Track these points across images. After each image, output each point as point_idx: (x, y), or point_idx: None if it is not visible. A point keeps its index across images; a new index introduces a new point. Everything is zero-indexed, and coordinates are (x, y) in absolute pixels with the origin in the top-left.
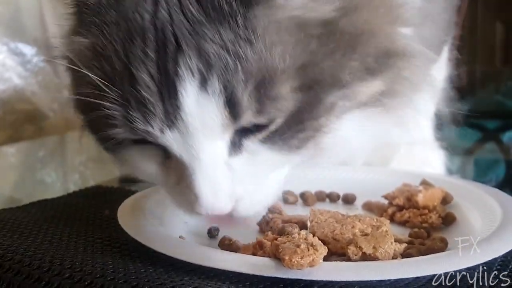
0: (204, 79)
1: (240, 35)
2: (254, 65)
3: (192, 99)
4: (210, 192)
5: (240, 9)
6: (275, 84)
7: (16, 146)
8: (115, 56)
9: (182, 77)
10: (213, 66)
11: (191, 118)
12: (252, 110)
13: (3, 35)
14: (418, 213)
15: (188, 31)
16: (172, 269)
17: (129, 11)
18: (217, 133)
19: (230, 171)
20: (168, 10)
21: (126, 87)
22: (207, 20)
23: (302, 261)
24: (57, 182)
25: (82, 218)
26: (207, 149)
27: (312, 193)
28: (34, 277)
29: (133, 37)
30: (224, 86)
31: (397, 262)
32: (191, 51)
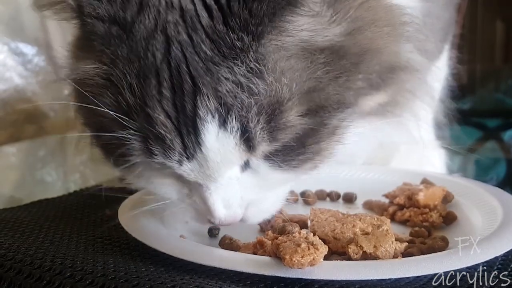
0: (223, 119)
1: (252, 68)
2: (266, 98)
3: (212, 137)
4: (222, 206)
5: (251, 42)
6: (283, 113)
7: (17, 145)
8: (129, 91)
9: (202, 117)
10: (230, 107)
11: (212, 153)
12: (265, 141)
13: (3, 34)
14: (419, 212)
15: (203, 71)
16: (173, 268)
17: (140, 48)
18: (234, 163)
19: (239, 184)
20: (181, 49)
21: (142, 122)
22: (220, 58)
23: (303, 260)
24: (57, 181)
25: (83, 218)
26: (224, 175)
27: (312, 192)
28: (35, 276)
29: (146, 76)
30: (240, 123)
31: (397, 261)
32: (208, 91)
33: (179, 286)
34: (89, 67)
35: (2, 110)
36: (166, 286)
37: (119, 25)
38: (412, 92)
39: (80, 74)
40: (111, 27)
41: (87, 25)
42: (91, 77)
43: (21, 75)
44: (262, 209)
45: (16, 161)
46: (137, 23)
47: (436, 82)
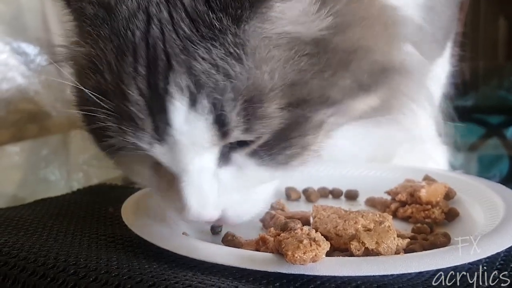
0: (193, 98)
1: (231, 52)
2: (243, 84)
3: (181, 117)
4: (197, 201)
5: (231, 25)
6: (263, 103)
7: (20, 145)
8: (108, 70)
9: (172, 95)
10: (203, 85)
11: (180, 135)
12: (239, 128)
13: (5, 34)
14: (421, 208)
15: (179, 49)
16: (176, 265)
17: (120, 27)
18: (205, 149)
19: (217, 182)
20: (160, 27)
21: (117, 101)
22: (198, 37)
23: (305, 257)
24: (60, 180)
25: (86, 216)
26: (195, 162)
27: (315, 190)
28: (39, 273)
29: (124, 53)
30: (213, 104)
31: (399, 257)
32: (181, 69)
33: (182, 283)
34: (77, 49)
35: (4, 110)
36: (169, 283)
37: (104, 7)
38: (408, 95)
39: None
40: (99, 9)
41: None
42: (78, 58)
43: (24, 74)
44: (242, 210)
45: (19, 160)
46: (120, 4)
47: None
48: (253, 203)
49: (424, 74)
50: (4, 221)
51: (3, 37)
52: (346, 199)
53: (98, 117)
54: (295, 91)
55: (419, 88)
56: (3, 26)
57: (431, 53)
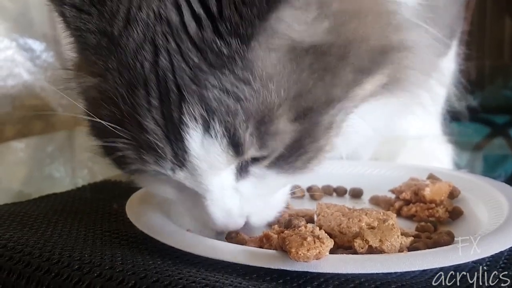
0: (207, 124)
1: (239, 77)
2: (253, 105)
3: (197, 143)
4: (221, 215)
5: (238, 47)
6: (273, 120)
7: (25, 141)
8: (122, 101)
9: (186, 123)
10: (214, 111)
11: (198, 160)
12: (254, 147)
13: (12, 31)
14: (425, 207)
15: (189, 78)
16: (180, 261)
17: (129, 59)
18: (222, 169)
19: (238, 194)
20: (169, 58)
21: (135, 131)
22: (207, 66)
23: (309, 254)
24: (65, 177)
25: (91, 212)
26: (215, 181)
27: (319, 188)
28: (44, 268)
29: (135, 86)
30: (226, 129)
31: (403, 255)
32: (192, 98)
33: (185, 279)
34: (85, 80)
35: (10, 106)
36: (173, 279)
37: (108, 38)
38: (412, 68)
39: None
40: (102, 38)
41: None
42: (87, 90)
43: (30, 71)
44: (265, 215)
45: (24, 156)
46: (125, 37)
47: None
48: (274, 206)
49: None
50: (9, 217)
51: (10, 34)
52: (350, 197)
53: (117, 146)
54: (301, 102)
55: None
56: (10, 23)
57: (435, 51)
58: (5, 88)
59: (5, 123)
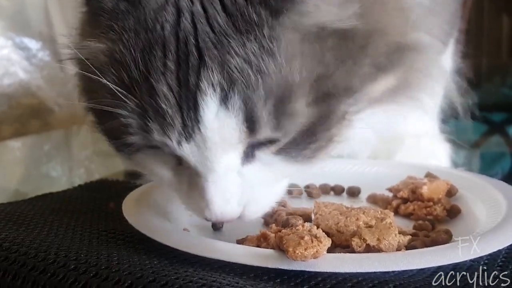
0: (225, 95)
1: (264, 47)
2: (275, 81)
3: (212, 114)
4: (220, 200)
5: (268, 18)
6: (292, 100)
7: (22, 140)
8: (134, 65)
9: (203, 91)
10: (235, 82)
11: (210, 132)
12: (269, 126)
13: (8, 29)
14: (423, 205)
15: (212, 44)
16: (177, 261)
17: (148, 20)
18: (233, 147)
19: (241, 179)
20: (193, 21)
21: (144, 97)
22: (234, 31)
23: (306, 253)
24: (62, 176)
25: (87, 211)
26: (222, 160)
27: (316, 186)
28: (40, 268)
29: (152, 48)
30: (244, 102)
31: (401, 254)
32: (214, 65)
33: (182, 279)
34: (94, 44)
35: (7, 105)
36: (170, 279)
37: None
38: (422, 71)
39: (86, 52)
40: (119, 2)
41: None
42: (95, 54)
43: (26, 69)
44: (261, 205)
45: (21, 155)
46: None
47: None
48: (271, 198)
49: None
50: (5, 217)
51: (6, 32)
52: (347, 195)
53: (117, 114)
54: (321, 86)
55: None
56: (6, 21)
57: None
58: (1, 87)
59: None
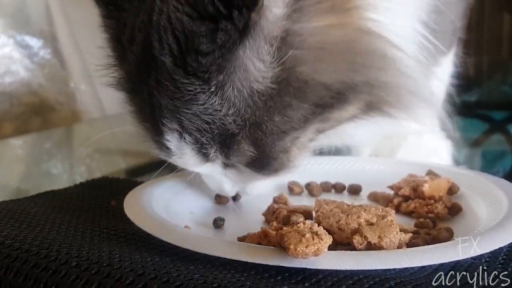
0: (180, 135)
1: (207, 108)
2: (216, 129)
3: (174, 146)
4: (215, 187)
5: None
6: (235, 142)
7: (23, 138)
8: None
9: (166, 131)
10: (186, 128)
11: (175, 157)
12: (219, 159)
13: (9, 27)
14: (424, 203)
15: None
16: (178, 258)
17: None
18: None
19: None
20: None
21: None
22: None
23: (307, 250)
24: (63, 174)
25: (89, 209)
26: (200, 170)
27: (317, 184)
28: (42, 266)
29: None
30: (195, 141)
31: (402, 252)
32: (170, 116)
33: (183, 276)
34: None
35: (8, 103)
36: (171, 276)
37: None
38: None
39: None
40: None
41: None
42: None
43: (27, 68)
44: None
45: (22, 153)
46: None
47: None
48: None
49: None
50: (6, 214)
51: (7, 30)
52: (349, 193)
53: None
54: (255, 131)
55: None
56: (7, 19)
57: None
58: (2, 85)
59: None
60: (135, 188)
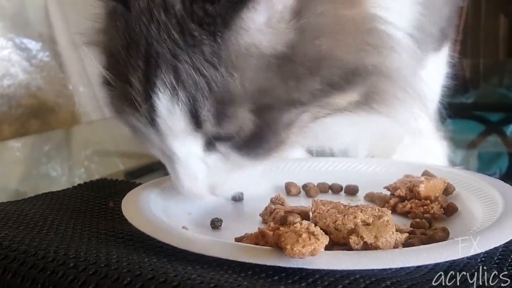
0: (174, 91)
1: (208, 60)
2: (217, 87)
3: (163, 106)
4: (187, 180)
5: (209, 37)
6: (232, 105)
7: (22, 140)
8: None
9: (158, 87)
10: (182, 82)
11: (162, 121)
12: (210, 122)
13: (8, 30)
14: (420, 203)
15: (168, 49)
16: (175, 258)
17: (132, 22)
18: (185, 136)
19: (205, 165)
20: (158, 28)
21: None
22: (183, 43)
23: (304, 250)
24: (62, 176)
25: (87, 210)
26: (179, 147)
27: (314, 185)
28: (39, 267)
29: (131, 46)
30: (188, 98)
31: (398, 251)
32: (166, 67)
33: (181, 276)
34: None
35: (7, 105)
36: (168, 276)
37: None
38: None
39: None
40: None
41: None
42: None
43: (26, 70)
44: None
45: (21, 155)
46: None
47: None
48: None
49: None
50: (5, 215)
51: (6, 33)
52: (345, 194)
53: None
54: (263, 97)
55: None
56: (6, 22)
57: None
58: (1, 88)
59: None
60: (133, 189)
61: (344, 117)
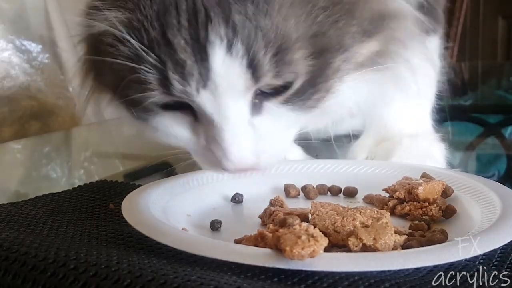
0: (230, 44)
1: (260, 8)
2: (272, 35)
3: (220, 61)
4: (236, 147)
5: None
6: (290, 51)
7: (22, 142)
8: (151, 26)
9: (211, 42)
10: (238, 33)
11: (219, 78)
12: (271, 72)
13: (8, 32)
14: (419, 206)
15: (216, 3)
16: (175, 260)
17: None
18: (240, 93)
19: (252, 129)
20: None
21: (163, 52)
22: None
23: (303, 252)
24: (62, 177)
25: (87, 212)
26: (233, 107)
27: (313, 187)
28: (40, 268)
29: (167, 9)
30: (247, 50)
31: (397, 253)
32: (219, 20)
33: (181, 277)
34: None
35: (7, 107)
36: (168, 277)
37: None
38: (401, 41)
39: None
40: None
41: None
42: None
43: (26, 72)
44: (273, 154)
45: (21, 157)
46: None
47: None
48: (282, 148)
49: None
50: (5, 217)
51: (6, 35)
52: (344, 196)
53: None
54: (317, 41)
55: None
56: (6, 24)
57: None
58: (1, 90)
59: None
60: (133, 191)
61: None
